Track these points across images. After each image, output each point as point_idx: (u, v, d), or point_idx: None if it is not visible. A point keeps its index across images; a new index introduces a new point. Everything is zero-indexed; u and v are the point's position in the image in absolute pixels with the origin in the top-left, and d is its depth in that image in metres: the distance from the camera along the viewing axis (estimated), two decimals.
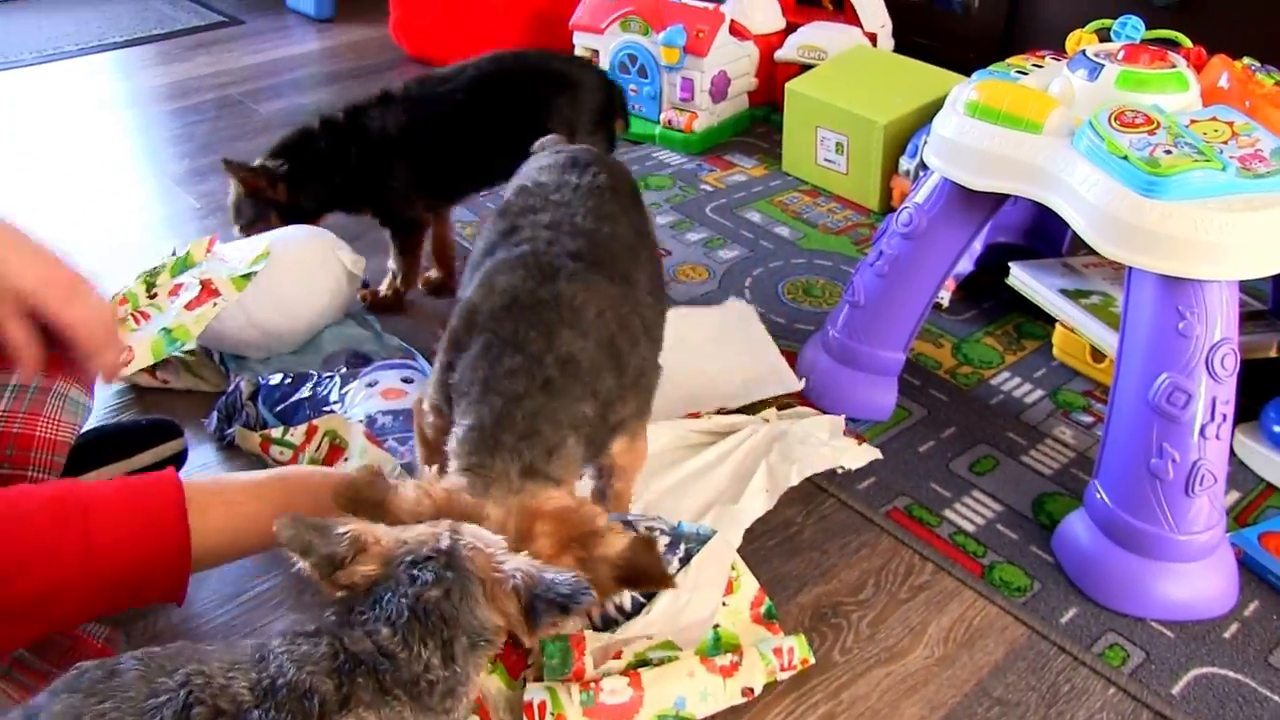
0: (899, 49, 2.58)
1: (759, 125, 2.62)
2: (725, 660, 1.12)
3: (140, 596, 1.03)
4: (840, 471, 1.45)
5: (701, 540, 1.19)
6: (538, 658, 1.08)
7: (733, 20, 2.46)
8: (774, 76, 2.56)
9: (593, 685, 1.06)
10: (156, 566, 1.01)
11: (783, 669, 1.14)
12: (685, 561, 1.17)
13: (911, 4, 2.78)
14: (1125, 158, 1.17)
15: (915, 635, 1.23)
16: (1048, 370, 1.69)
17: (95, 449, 1.34)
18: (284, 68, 3.05)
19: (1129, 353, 1.24)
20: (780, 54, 2.53)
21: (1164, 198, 1.14)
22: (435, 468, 0.99)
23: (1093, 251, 1.25)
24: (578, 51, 2.58)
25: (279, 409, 1.47)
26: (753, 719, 1.12)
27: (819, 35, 2.48)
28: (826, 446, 1.45)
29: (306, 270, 1.66)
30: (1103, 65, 1.32)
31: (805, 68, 2.41)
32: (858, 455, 1.47)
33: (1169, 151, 1.16)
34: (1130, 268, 1.22)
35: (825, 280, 1.94)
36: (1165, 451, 1.19)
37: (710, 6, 2.44)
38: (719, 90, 2.46)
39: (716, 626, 1.16)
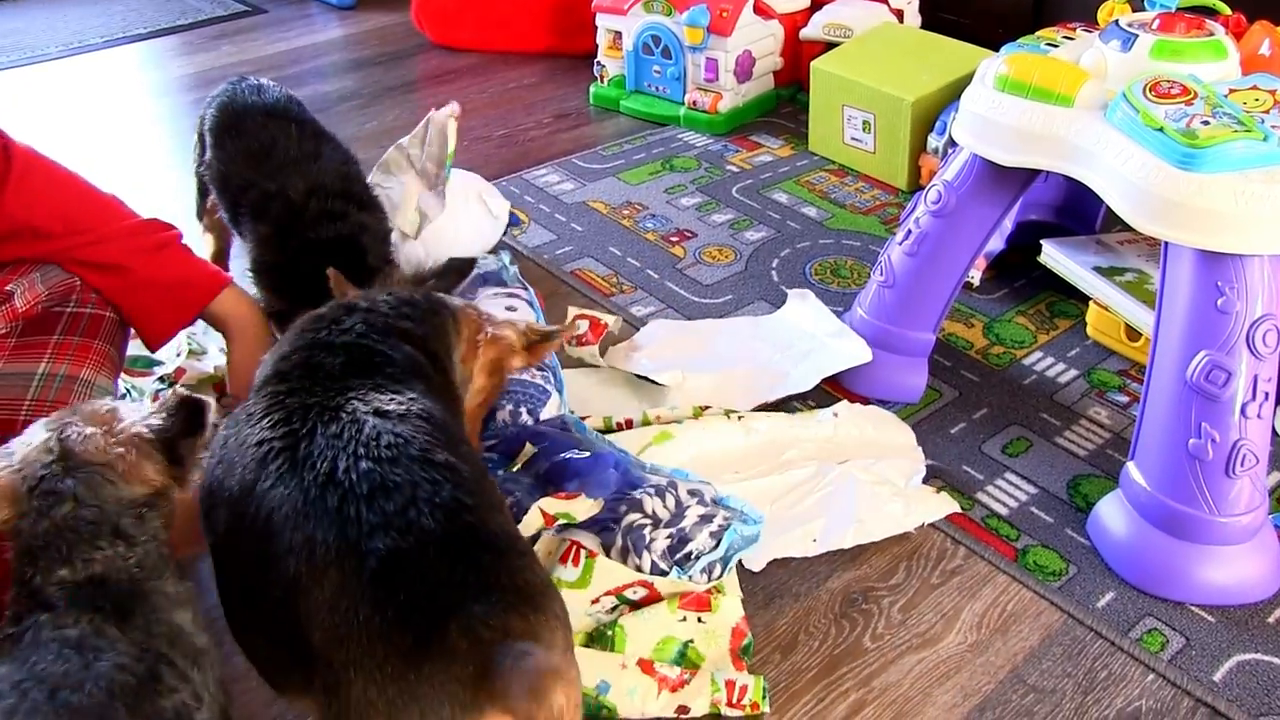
0: (926, 25, 2.54)
1: (785, 105, 2.59)
2: (672, 674, 1.09)
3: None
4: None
5: (743, 519, 1.20)
6: None
7: None
8: (799, 55, 2.52)
9: None
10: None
11: (728, 704, 1.09)
12: (716, 537, 1.18)
13: None
14: (1161, 130, 1.14)
15: (948, 621, 1.21)
16: (1081, 349, 1.66)
17: None
18: (307, 55, 3.04)
19: (1166, 330, 1.20)
20: (805, 32, 2.49)
21: (1202, 170, 1.11)
22: None
23: (1127, 227, 1.22)
24: (600, 34, 2.56)
25: None
26: (781, 707, 1.11)
27: (844, 13, 2.44)
28: (899, 499, 1.34)
29: (453, 208, 1.82)
30: (1136, 35, 1.28)
31: (831, 46, 2.37)
32: (932, 509, 1.34)
33: (1207, 122, 1.12)
34: (1166, 243, 1.18)
35: (853, 260, 1.91)
36: (1205, 432, 1.16)
37: None
38: (744, 70, 2.43)
39: (690, 642, 1.13)
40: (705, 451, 1.38)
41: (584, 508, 1.20)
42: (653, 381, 1.53)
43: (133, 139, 2.53)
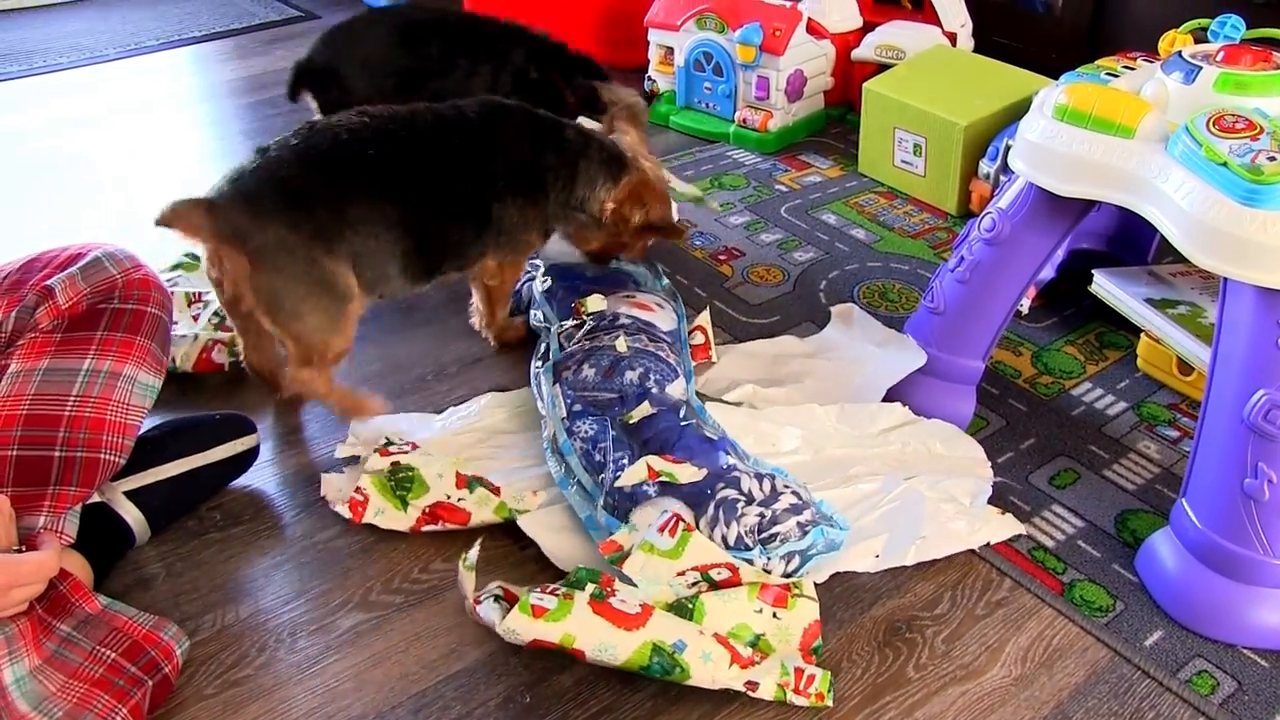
0: (979, 49, 2.53)
1: (835, 125, 2.58)
2: (746, 651, 1.12)
3: None
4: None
5: (832, 524, 1.24)
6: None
7: (810, 19, 2.42)
8: (851, 76, 2.52)
9: (608, 587, 1.13)
10: None
11: (795, 690, 1.10)
12: (804, 529, 1.22)
13: (992, 3, 2.73)
14: (1225, 164, 1.12)
15: (992, 653, 1.20)
16: (1131, 382, 1.64)
17: (169, 442, 1.36)
18: None
19: (1223, 367, 1.19)
20: (857, 53, 2.49)
21: (1267, 206, 1.09)
22: None
23: (1181, 259, 1.20)
24: (651, 49, 2.56)
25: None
26: None
27: (897, 34, 2.44)
28: (963, 518, 1.34)
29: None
30: (1200, 67, 1.27)
31: (883, 67, 2.36)
32: (996, 529, 1.34)
33: (1273, 158, 1.11)
34: (1226, 279, 1.17)
35: (902, 285, 1.90)
36: (1261, 472, 1.14)
37: (787, 4, 2.41)
38: (795, 89, 2.42)
39: (762, 635, 1.15)
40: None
41: (687, 473, 1.26)
42: (724, 402, 1.54)
43: (181, 142, 2.57)
